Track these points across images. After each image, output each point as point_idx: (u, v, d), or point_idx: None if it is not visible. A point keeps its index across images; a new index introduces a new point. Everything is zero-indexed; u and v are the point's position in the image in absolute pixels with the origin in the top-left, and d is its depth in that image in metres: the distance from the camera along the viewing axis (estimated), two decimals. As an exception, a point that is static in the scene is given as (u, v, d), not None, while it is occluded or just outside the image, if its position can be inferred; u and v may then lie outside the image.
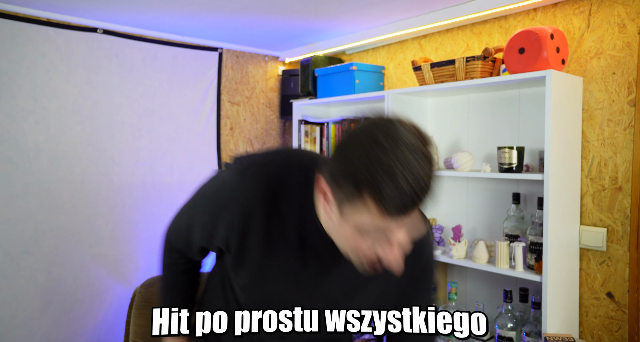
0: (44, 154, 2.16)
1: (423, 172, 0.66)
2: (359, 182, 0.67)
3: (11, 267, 2.07)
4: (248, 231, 0.86)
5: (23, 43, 2.09)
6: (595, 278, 1.72)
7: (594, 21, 1.71)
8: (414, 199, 0.66)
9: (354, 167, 0.67)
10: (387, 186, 0.65)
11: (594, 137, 1.71)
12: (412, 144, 0.67)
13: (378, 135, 0.68)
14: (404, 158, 0.65)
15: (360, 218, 0.70)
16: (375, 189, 0.66)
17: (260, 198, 0.84)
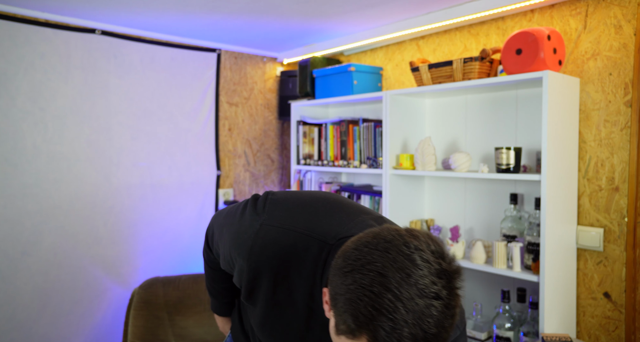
0: (42, 155, 2.16)
1: (434, 322, 0.58)
2: (359, 323, 0.60)
3: (9, 268, 2.07)
4: (255, 286, 0.86)
5: (21, 44, 2.09)
6: (593, 278, 1.73)
7: (590, 22, 1.72)
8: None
9: (356, 304, 0.60)
10: (387, 335, 0.58)
11: (591, 138, 1.72)
12: (426, 286, 0.59)
13: (388, 271, 0.59)
14: (413, 305, 0.58)
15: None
16: (374, 335, 0.59)
17: (269, 262, 0.83)
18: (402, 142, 2.16)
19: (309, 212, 0.88)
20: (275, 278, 0.84)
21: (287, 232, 0.84)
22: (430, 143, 2.00)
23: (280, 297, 0.85)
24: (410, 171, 2.05)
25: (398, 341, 0.57)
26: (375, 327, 0.58)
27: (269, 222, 0.86)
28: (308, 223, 0.85)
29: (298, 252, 0.83)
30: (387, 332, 0.58)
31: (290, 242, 0.83)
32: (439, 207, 2.23)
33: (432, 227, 2.14)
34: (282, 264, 0.83)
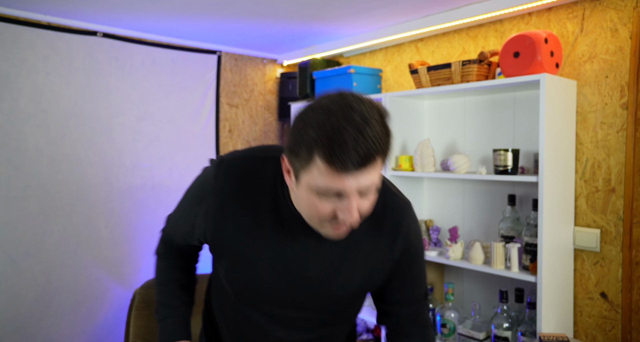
0: (44, 157, 2.18)
1: (372, 132, 0.70)
2: (310, 147, 0.72)
3: (12, 269, 2.09)
4: (223, 219, 0.90)
5: (24, 47, 2.11)
6: (589, 278, 1.75)
7: (587, 25, 1.74)
8: (360, 154, 0.70)
9: (307, 135, 0.72)
10: (335, 144, 0.70)
11: (588, 140, 1.74)
12: (363, 111, 0.72)
13: (331, 105, 0.72)
14: (354, 122, 0.70)
15: (315, 180, 0.74)
16: (324, 149, 0.71)
17: (233, 188, 0.89)
18: (401, 143, 2.18)
19: (259, 148, 0.98)
20: (241, 203, 0.89)
21: (244, 159, 0.92)
22: (429, 145, 2.02)
23: (247, 221, 0.89)
24: (409, 172, 2.06)
25: (344, 147, 0.69)
26: (323, 140, 0.70)
27: (225, 159, 0.93)
28: (262, 150, 0.96)
29: (257, 173, 0.90)
30: (334, 142, 0.69)
31: (249, 165, 0.91)
32: (438, 208, 2.25)
33: (431, 227, 2.16)
34: (245, 187, 0.89)
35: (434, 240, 2.13)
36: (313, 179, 0.75)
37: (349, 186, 0.74)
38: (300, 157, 0.75)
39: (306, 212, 0.82)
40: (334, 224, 0.80)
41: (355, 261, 0.93)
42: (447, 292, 1.97)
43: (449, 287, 1.97)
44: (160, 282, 1.12)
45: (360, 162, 0.71)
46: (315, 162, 0.73)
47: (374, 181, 0.76)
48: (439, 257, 1.97)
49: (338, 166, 0.71)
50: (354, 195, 0.76)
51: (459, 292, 2.16)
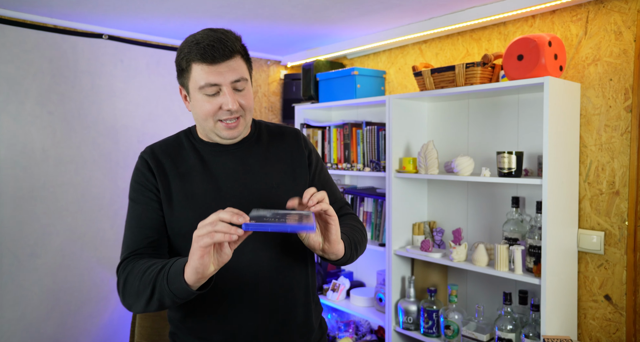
0: (50, 158, 2.19)
1: (227, 37, 0.99)
2: (187, 59, 0.99)
3: (18, 269, 2.10)
4: (164, 176, 1.06)
5: (30, 49, 2.13)
6: (594, 281, 1.75)
7: (591, 28, 1.74)
8: (221, 50, 0.96)
9: (182, 53, 1.00)
10: (201, 48, 0.96)
11: (592, 142, 1.74)
12: (218, 29, 1.01)
13: (195, 33, 1.02)
14: (212, 33, 0.99)
15: (198, 81, 0.98)
16: (195, 54, 0.97)
17: (159, 152, 1.08)
18: (405, 145, 2.19)
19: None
20: (170, 158, 1.08)
21: (159, 140, 1.14)
22: (433, 147, 2.02)
23: (183, 169, 1.07)
24: (413, 174, 2.07)
25: (202, 46, 0.96)
26: (189, 50, 0.98)
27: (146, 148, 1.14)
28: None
29: (172, 139, 1.12)
30: (195, 46, 0.97)
31: (164, 139, 1.13)
32: (441, 210, 2.25)
33: (434, 229, 2.16)
34: (168, 149, 1.09)
35: (438, 242, 2.13)
36: (196, 82, 0.98)
37: (222, 77, 0.98)
38: (184, 72, 1.01)
39: (201, 116, 1.02)
40: (225, 123, 1.01)
41: (276, 159, 1.13)
42: (450, 294, 1.97)
43: (452, 289, 1.97)
44: (140, 277, 0.94)
45: (223, 54, 0.97)
46: (193, 67, 0.98)
47: (242, 75, 1.00)
48: (443, 259, 1.98)
49: (209, 60, 0.96)
50: (228, 86, 0.99)
51: (462, 294, 2.17)
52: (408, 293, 2.13)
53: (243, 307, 1.04)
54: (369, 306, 2.41)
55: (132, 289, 0.94)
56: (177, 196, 1.05)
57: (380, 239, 2.31)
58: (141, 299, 0.92)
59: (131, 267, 0.97)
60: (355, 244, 1.08)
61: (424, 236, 2.20)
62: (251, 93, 1.05)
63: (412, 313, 2.10)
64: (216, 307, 1.04)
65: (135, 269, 0.95)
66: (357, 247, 1.09)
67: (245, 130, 1.08)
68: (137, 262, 0.98)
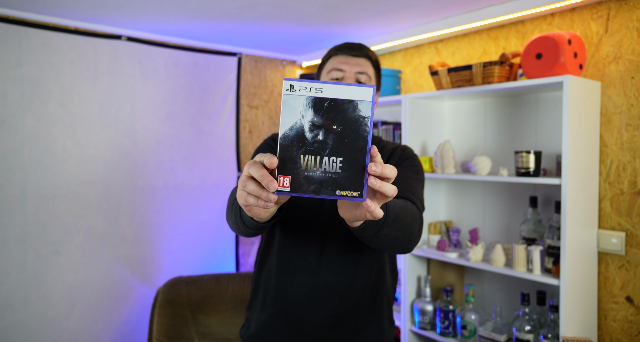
0: (71, 158, 2.24)
1: (359, 43, 1.22)
2: (324, 56, 1.24)
3: (42, 266, 2.15)
4: None
5: (52, 51, 2.17)
6: (614, 282, 1.72)
7: (612, 26, 1.72)
8: (354, 46, 1.19)
9: (323, 58, 1.25)
10: (337, 46, 1.21)
11: (612, 142, 1.72)
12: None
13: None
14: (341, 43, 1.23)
15: (328, 66, 1.20)
16: (333, 50, 1.22)
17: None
18: (421, 145, 2.18)
19: None
20: None
21: None
22: (449, 146, 2.01)
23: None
24: (429, 173, 2.06)
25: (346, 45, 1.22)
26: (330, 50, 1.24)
27: None
28: None
29: None
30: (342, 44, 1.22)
31: None
32: (458, 210, 2.24)
33: (450, 229, 2.15)
34: None
35: (454, 241, 2.12)
36: (328, 66, 1.18)
37: (349, 67, 1.16)
38: (322, 65, 1.22)
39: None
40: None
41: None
42: (467, 294, 1.96)
43: (469, 289, 1.96)
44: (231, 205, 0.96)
45: (357, 52, 1.18)
46: (330, 59, 1.20)
47: (368, 73, 1.18)
48: (460, 259, 1.97)
49: (343, 52, 1.18)
50: (352, 75, 1.16)
51: (479, 294, 2.15)
52: (424, 293, 2.12)
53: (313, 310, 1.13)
54: (385, 306, 2.41)
55: (228, 214, 0.97)
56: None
57: (396, 238, 2.31)
58: (233, 223, 0.93)
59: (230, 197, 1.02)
60: (395, 215, 0.86)
61: (440, 236, 2.19)
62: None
63: (428, 313, 2.10)
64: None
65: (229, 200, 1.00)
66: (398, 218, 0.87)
67: None
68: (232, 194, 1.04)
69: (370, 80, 1.19)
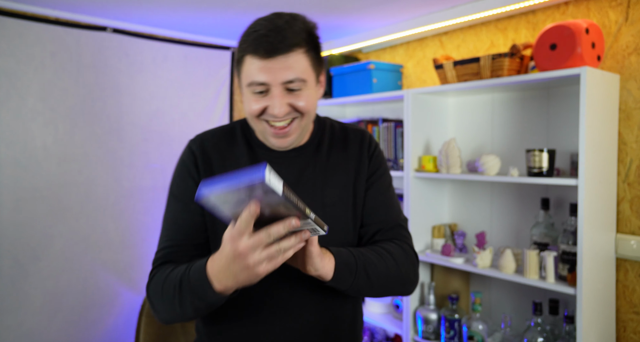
0: (52, 157, 2.11)
1: (280, 20, 0.84)
2: (240, 50, 0.87)
3: (19, 273, 2.02)
4: (210, 172, 0.95)
5: (31, 43, 2.04)
6: (634, 291, 1.60)
7: (633, 14, 1.59)
8: (274, 42, 0.82)
9: (239, 45, 0.88)
10: (254, 38, 0.84)
11: (632, 139, 1.60)
12: (283, 15, 0.87)
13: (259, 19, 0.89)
14: (271, 20, 0.85)
15: (247, 75, 0.86)
16: (247, 45, 0.85)
17: (210, 144, 0.97)
18: (425, 143, 2.06)
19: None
20: (220, 154, 0.97)
21: (212, 129, 1.03)
22: (455, 144, 1.89)
23: (231, 168, 0.96)
24: (433, 173, 1.94)
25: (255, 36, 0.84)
26: (245, 40, 0.86)
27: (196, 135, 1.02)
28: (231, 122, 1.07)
29: (226, 130, 1.01)
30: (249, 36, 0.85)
31: (217, 129, 1.02)
32: (463, 212, 2.12)
33: (455, 232, 2.03)
34: (219, 142, 0.98)
35: (460, 246, 2.00)
36: (246, 76, 0.86)
37: (273, 75, 0.84)
38: (238, 63, 0.89)
39: (248, 116, 0.91)
40: (272, 127, 0.88)
41: (336, 172, 0.99)
42: (474, 303, 1.84)
43: (476, 297, 1.84)
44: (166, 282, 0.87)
45: (279, 48, 0.82)
46: (246, 60, 0.86)
47: (298, 75, 0.85)
48: (466, 265, 1.84)
49: (260, 53, 0.83)
50: (278, 87, 0.85)
51: (486, 303, 2.03)
52: (427, 300, 2.00)
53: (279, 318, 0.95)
54: (386, 313, 2.28)
55: (159, 307, 0.88)
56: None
57: (398, 242, 2.19)
58: (176, 314, 0.85)
59: (158, 275, 0.90)
60: (364, 265, 0.87)
61: (445, 240, 2.06)
62: (311, 96, 0.88)
63: (432, 322, 1.97)
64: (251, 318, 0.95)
65: (159, 279, 0.89)
66: (369, 272, 0.88)
67: (300, 137, 0.94)
68: (162, 270, 0.90)
69: (304, 84, 0.86)
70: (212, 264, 0.77)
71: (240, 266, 0.72)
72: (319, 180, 0.97)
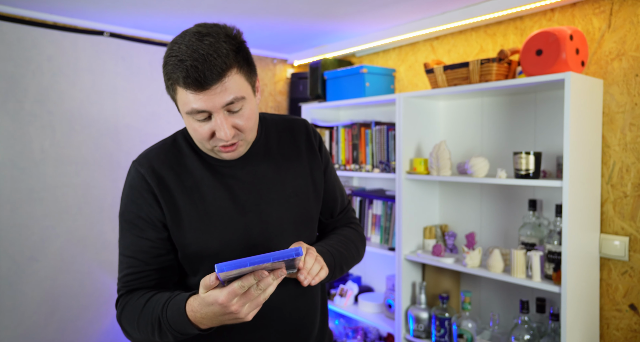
0: (49, 159, 2.13)
1: (204, 45, 0.80)
2: (168, 80, 0.84)
3: (16, 273, 2.04)
4: (167, 193, 0.92)
5: (29, 47, 2.07)
6: (617, 289, 1.65)
7: (615, 21, 1.64)
8: (198, 69, 0.79)
9: (165, 71, 0.84)
10: (179, 67, 0.80)
11: (615, 142, 1.65)
12: (197, 32, 0.82)
13: (177, 40, 0.84)
14: (188, 42, 0.81)
15: (184, 106, 0.84)
16: (175, 75, 0.81)
17: (158, 163, 0.94)
18: (416, 145, 2.10)
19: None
20: (173, 171, 0.94)
21: (153, 145, 0.99)
22: (445, 147, 1.94)
23: (189, 183, 0.94)
24: (424, 175, 1.98)
25: (183, 68, 0.79)
26: (170, 70, 0.82)
27: (138, 156, 0.98)
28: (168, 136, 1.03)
29: (170, 144, 0.97)
30: (176, 67, 0.80)
31: (160, 145, 0.98)
32: (454, 213, 2.16)
33: (446, 233, 2.07)
34: (167, 158, 0.95)
35: (450, 246, 2.04)
36: (183, 105, 0.84)
37: (212, 102, 0.82)
38: (170, 90, 0.86)
39: (196, 139, 0.89)
40: (221, 146, 0.88)
41: (289, 160, 1.02)
42: (464, 301, 1.88)
43: (466, 296, 1.88)
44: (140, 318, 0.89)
45: (211, 78, 0.79)
46: (177, 91, 0.83)
47: (235, 95, 0.83)
48: (456, 265, 1.89)
49: (193, 87, 0.80)
50: (220, 112, 0.84)
51: (475, 301, 2.07)
52: (419, 299, 2.04)
53: (260, 330, 0.98)
54: (378, 312, 2.32)
55: (133, 332, 0.91)
56: (188, 216, 0.92)
57: (390, 243, 2.23)
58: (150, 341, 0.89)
59: (122, 306, 0.93)
60: (340, 264, 1.01)
61: (436, 240, 2.11)
62: (252, 109, 0.88)
63: (423, 320, 2.01)
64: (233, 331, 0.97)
65: (131, 312, 0.90)
66: (343, 266, 1.03)
67: (247, 145, 0.94)
68: (132, 301, 0.91)
69: (244, 100, 0.86)
70: (193, 314, 0.80)
71: (230, 317, 0.78)
72: (277, 173, 1.00)
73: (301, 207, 1.01)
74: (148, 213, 0.92)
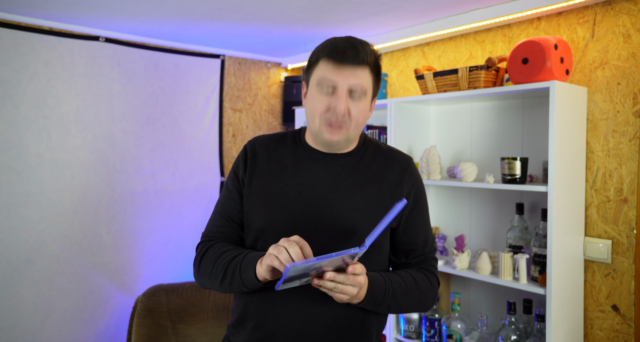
0: (46, 163, 2.16)
1: (362, 47, 0.99)
2: (317, 53, 1.02)
3: (13, 276, 2.07)
4: (254, 167, 1.09)
5: (25, 52, 2.09)
6: (600, 290, 1.70)
7: (598, 31, 1.69)
8: (351, 55, 0.97)
9: (315, 50, 1.04)
10: (334, 47, 0.99)
11: (599, 148, 1.70)
12: (354, 37, 1.02)
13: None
14: (350, 39, 1.00)
15: (319, 73, 1.00)
16: (326, 51, 1.00)
17: (261, 145, 1.12)
18: (407, 149, 2.14)
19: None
20: (269, 153, 1.10)
21: (268, 133, 1.18)
22: (435, 152, 1.98)
23: (274, 167, 1.09)
24: (415, 179, 2.02)
25: (335, 46, 0.99)
26: (323, 47, 1.02)
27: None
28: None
29: (279, 136, 1.15)
30: (328, 45, 1.01)
31: (273, 133, 1.17)
32: (444, 216, 2.21)
33: (437, 235, 2.11)
34: (271, 144, 1.12)
35: (440, 248, 2.09)
36: (317, 76, 1.00)
37: (342, 79, 0.98)
38: (311, 66, 1.03)
39: (310, 113, 1.03)
40: (330, 123, 1.00)
41: (372, 182, 1.08)
42: (453, 303, 1.93)
43: (455, 297, 1.93)
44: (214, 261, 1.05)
45: (353, 59, 0.97)
46: (320, 62, 1.01)
47: (362, 85, 0.99)
48: (445, 267, 1.93)
49: (336, 59, 0.98)
50: (344, 91, 0.99)
51: (465, 303, 2.12)
52: (410, 301, 2.08)
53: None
54: (370, 313, 2.36)
55: (205, 271, 1.05)
56: (257, 191, 1.07)
57: (382, 245, 2.27)
58: (213, 281, 1.04)
59: (206, 249, 1.08)
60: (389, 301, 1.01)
61: (426, 243, 2.15)
62: (365, 109, 1.02)
63: (413, 321, 2.06)
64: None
65: (209, 252, 1.06)
66: (391, 305, 1.03)
67: (348, 143, 1.06)
68: (212, 246, 1.08)
69: (364, 95, 1.00)
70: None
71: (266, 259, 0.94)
72: (353, 187, 1.06)
73: (359, 224, 1.03)
74: (237, 174, 1.11)
